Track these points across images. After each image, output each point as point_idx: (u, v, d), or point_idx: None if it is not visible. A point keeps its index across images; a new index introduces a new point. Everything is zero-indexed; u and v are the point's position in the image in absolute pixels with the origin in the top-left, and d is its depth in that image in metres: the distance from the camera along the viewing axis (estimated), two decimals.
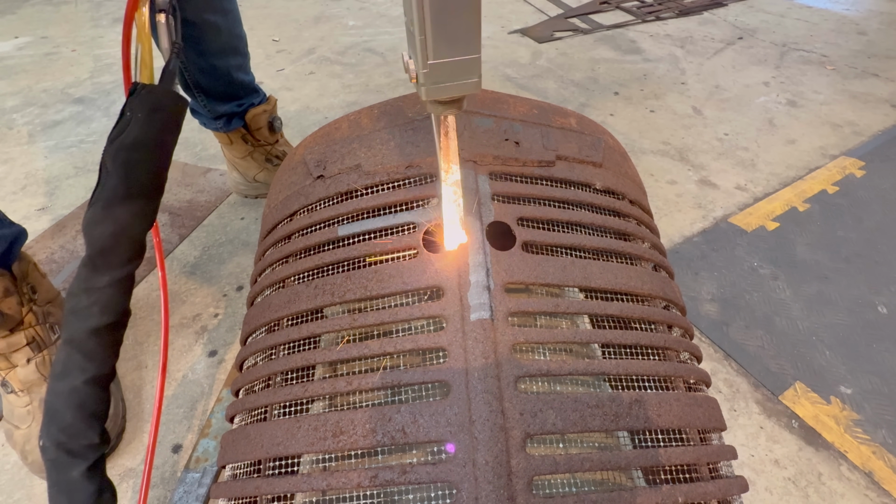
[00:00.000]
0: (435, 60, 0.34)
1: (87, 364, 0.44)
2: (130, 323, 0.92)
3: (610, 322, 0.51)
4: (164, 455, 0.75)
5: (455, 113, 0.39)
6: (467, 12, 0.33)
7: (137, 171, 0.46)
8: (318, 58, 1.84)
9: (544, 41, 1.93)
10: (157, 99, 0.47)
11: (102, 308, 0.45)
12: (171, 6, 0.51)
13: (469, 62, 0.35)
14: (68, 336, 0.45)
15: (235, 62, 0.97)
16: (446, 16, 0.33)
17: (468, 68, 0.35)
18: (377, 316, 0.45)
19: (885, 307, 0.95)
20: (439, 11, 0.32)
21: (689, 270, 1.03)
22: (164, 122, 0.48)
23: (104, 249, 0.45)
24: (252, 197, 1.19)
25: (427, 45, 0.34)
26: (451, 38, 0.34)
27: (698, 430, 0.46)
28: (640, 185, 0.65)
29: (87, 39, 2.01)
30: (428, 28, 0.33)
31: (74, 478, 0.43)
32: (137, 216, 0.47)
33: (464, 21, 0.33)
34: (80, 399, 0.44)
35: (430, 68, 0.35)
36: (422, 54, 0.34)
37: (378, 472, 0.38)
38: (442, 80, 0.36)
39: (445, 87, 0.36)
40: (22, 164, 1.33)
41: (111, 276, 0.45)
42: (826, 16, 2.14)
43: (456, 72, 0.35)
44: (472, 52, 0.35)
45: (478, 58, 0.35)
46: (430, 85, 0.36)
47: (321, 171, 0.57)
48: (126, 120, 0.46)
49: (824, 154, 1.35)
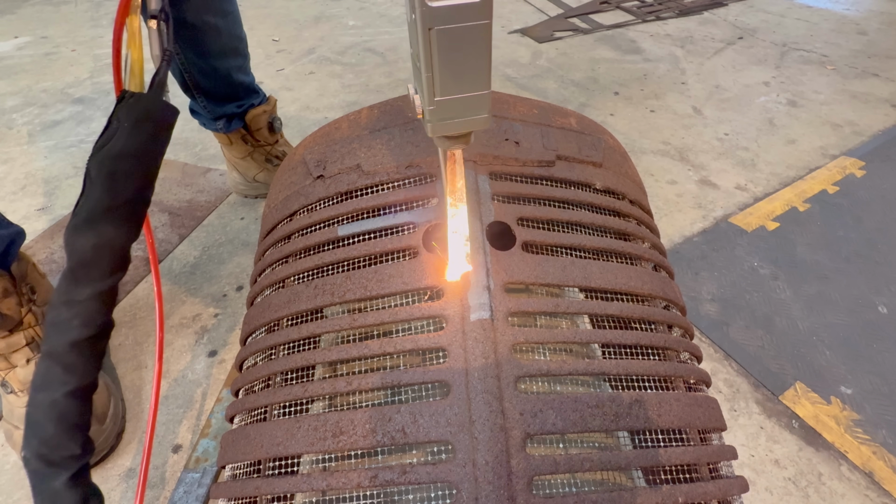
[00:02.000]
0: (442, 97, 0.33)
1: (66, 377, 0.43)
2: (130, 323, 0.92)
3: (610, 322, 0.51)
4: (164, 455, 0.75)
5: (462, 147, 0.38)
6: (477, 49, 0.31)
7: (122, 182, 0.45)
8: (318, 58, 1.84)
9: (544, 41, 1.93)
10: (145, 108, 0.46)
11: (83, 321, 0.44)
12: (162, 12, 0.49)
13: (478, 98, 0.34)
14: (48, 349, 0.44)
15: (235, 63, 0.97)
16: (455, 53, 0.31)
17: (477, 104, 0.34)
18: (377, 316, 0.45)
19: (885, 307, 0.95)
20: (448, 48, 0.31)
21: (690, 270, 1.03)
22: (152, 133, 0.47)
23: (86, 262, 0.44)
24: (252, 197, 1.19)
25: (434, 82, 0.32)
26: (459, 74, 0.32)
27: (698, 430, 0.46)
28: (640, 185, 0.65)
29: (87, 39, 2.01)
30: (435, 65, 0.31)
31: (57, 487, 0.43)
32: (121, 228, 0.45)
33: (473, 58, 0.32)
34: (60, 411, 0.43)
35: (437, 105, 0.34)
36: (428, 91, 0.33)
37: (378, 473, 0.38)
38: (449, 117, 0.34)
39: (452, 123, 0.35)
40: (22, 164, 1.33)
41: (92, 288, 0.44)
42: (826, 16, 2.14)
43: (464, 108, 0.34)
44: (481, 88, 0.33)
45: (487, 94, 0.34)
46: (437, 121, 0.35)
47: (321, 171, 0.57)
48: (113, 129, 0.45)
49: (824, 154, 1.35)
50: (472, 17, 0.30)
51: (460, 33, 0.30)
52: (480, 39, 0.31)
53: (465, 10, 0.30)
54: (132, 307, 0.95)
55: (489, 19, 0.31)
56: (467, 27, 0.30)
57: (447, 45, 0.31)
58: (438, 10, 0.29)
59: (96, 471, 0.73)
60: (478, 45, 0.31)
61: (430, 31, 0.30)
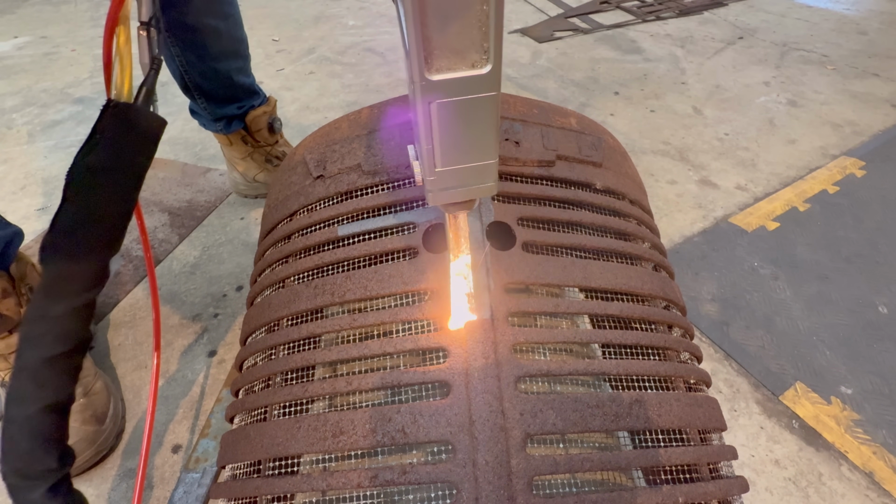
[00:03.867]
0: (443, 168, 0.30)
1: (40, 393, 0.42)
2: (130, 323, 0.92)
3: (610, 322, 0.51)
4: (164, 455, 0.75)
5: (466, 211, 0.35)
6: (483, 120, 0.28)
7: (102, 195, 0.43)
8: (318, 58, 1.84)
9: (544, 41, 1.93)
10: (130, 118, 0.44)
11: (56, 337, 0.42)
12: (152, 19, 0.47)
13: (483, 168, 0.31)
14: (21, 364, 0.42)
15: (236, 65, 0.97)
16: (458, 124, 0.28)
17: (482, 173, 0.31)
18: (377, 316, 0.45)
19: (885, 307, 0.95)
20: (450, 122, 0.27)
21: (690, 270, 1.03)
22: (136, 144, 0.45)
23: (61, 277, 0.42)
24: (252, 197, 1.19)
25: (434, 153, 0.29)
26: (462, 145, 0.29)
27: (699, 430, 0.46)
28: (640, 184, 0.65)
29: (87, 39, 2.01)
30: (436, 137, 0.28)
31: (36, 499, 0.43)
32: (99, 243, 0.43)
33: (479, 129, 0.28)
34: (35, 427, 0.42)
35: (438, 176, 0.30)
36: (428, 162, 0.30)
37: (378, 473, 0.38)
38: (451, 186, 0.31)
39: (455, 192, 0.32)
40: (21, 164, 1.33)
41: (67, 304, 0.42)
42: (826, 15, 2.14)
43: (467, 177, 0.31)
44: (487, 158, 0.30)
45: (494, 163, 0.30)
46: (437, 191, 0.32)
47: (321, 171, 0.57)
48: (94, 141, 0.42)
49: (825, 154, 1.35)
50: (478, 90, 0.26)
51: (464, 106, 0.27)
52: (487, 111, 0.27)
53: (469, 83, 0.26)
54: (132, 307, 0.95)
55: (497, 90, 0.27)
56: (472, 100, 0.27)
57: (449, 119, 0.27)
58: (440, 84, 0.26)
59: (96, 471, 0.73)
60: (484, 116, 0.28)
61: (429, 105, 0.27)
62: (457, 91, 0.26)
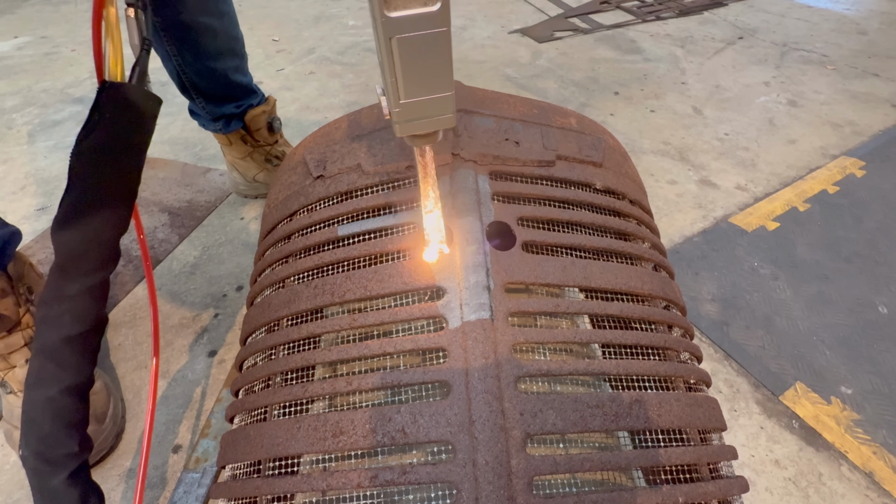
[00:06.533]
0: (407, 100, 0.35)
1: (61, 373, 0.43)
2: (130, 323, 0.92)
3: (610, 322, 0.51)
4: (164, 455, 0.75)
5: (430, 144, 0.40)
6: (438, 54, 0.33)
7: (106, 174, 0.44)
8: (318, 58, 1.84)
9: (544, 41, 1.93)
10: (126, 98, 0.44)
11: (74, 316, 0.43)
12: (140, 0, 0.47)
13: (441, 100, 0.35)
14: (40, 345, 0.43)
15: (233, 64, 0.97)
16: (417, 58, 0.32)
17: (441, 105, 0.36)
18: (377, 316, 0.45)
19: (885, 307, 0.95)
20: (409, 55, 0.32)
21: (690, 270, 1.03)
22: (134, 122, 0.46)
23: (74, 256, 0.43)
24: (252, 197, 1.19)
25: (398, 86, 0.34)
26: (422, 78, 0.34)
27: (698, 430, 0.46)
28: (640, 185, 0.65)
29: (87, 39, 2.01)
30: (398, 71, 0.33)
31: (57, 486, 0.43)
32: (108, 221, 0.45)
33: (435, 62, 0.33)
34: (57, 409, 0.43)
35: (402, 107, 0.35)
36: (393, 94, 0.35)
37: (378, 473, 0.38)
38: (415, 118, 0.36)
39: (418, 123, 0.36)
40: (21, 163, 1.33)
41: (82, 283, 0.44)
42: (826, 16, 2.14)
43: (429, 109, 0.36)
44: (444, 90, 0.35)
45: (450, 95, 0.35)
46: (403, 122, 0.36)
47: (321, 171, 0.57)
48: (94, 121, 0.43)
49: (825, 154, 1.35)
50: (431, 25, 0.31)
51: (420, 41, 0.32)
52: (440, 45, 0.32)
53: (423, 19, 0.31)
54: (132, 307, 0.95)
55: (447, 26, 0.32)
56: (426, 35, 0.31)
57: (408, 52, 0.32)
58: (398, 20, 0.30)
59: (96, 471, 0.73)
60: (438, 51, 0.33)
61: (390, 40, 0.31)
62: (413, 27, 0.31)
